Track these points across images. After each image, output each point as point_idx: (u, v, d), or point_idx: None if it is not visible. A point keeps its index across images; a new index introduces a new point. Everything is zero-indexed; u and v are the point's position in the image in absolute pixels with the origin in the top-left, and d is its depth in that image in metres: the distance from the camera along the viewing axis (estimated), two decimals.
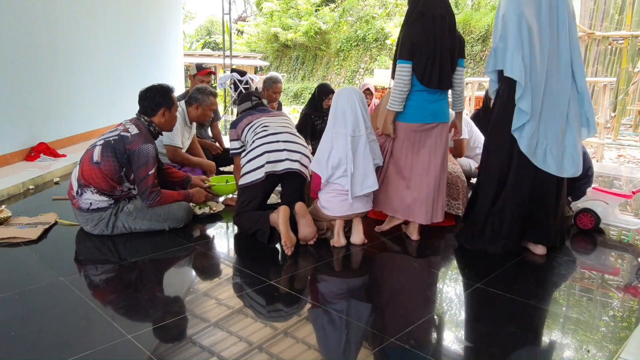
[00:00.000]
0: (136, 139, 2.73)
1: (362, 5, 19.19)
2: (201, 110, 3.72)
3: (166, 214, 2.86)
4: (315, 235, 2.71)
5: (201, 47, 23.22)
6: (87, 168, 2.73)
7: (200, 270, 2.50)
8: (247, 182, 2.83)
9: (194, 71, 4.56)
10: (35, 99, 5.08)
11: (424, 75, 2.61)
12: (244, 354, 1.67)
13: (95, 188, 2.71)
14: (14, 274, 2.34)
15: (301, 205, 2.72)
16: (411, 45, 2.59)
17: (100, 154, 2.71)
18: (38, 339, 1.74)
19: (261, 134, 2.91)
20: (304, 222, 2.68)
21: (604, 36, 8.48)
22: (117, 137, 2.74)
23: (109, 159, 2.71)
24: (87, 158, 2.75)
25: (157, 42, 9.22)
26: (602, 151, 6.85)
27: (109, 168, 2.71)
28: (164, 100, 2.88)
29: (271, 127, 2.95)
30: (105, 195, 2.74)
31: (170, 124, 2.98)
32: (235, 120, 3.15)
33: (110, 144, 2.73)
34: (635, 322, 2.02)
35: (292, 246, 2.59)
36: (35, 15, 5.04)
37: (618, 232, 3.17)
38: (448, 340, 1.86)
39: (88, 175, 2.72)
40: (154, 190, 2.80)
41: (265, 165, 2.78)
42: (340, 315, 1.99)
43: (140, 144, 2.73)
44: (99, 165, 2.70)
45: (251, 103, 3.26)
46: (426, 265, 2.60)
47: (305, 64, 20.47)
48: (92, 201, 2.73)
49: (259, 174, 2.79)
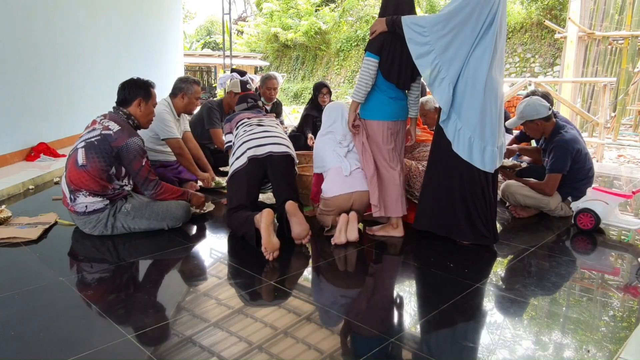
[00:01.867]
0: (120, 135, 2.71)
1: (362, 5, 19.20)
2: (187, 99, 3.70)
3: (165, 212, 2.86)
4: (309, 233, 2.69)
5: (201, 47, 23.23)
6: (74, 172, 2.71)
7: (200, 270, 2.50)
8: (231, 172, 2.90)
9: (237, 89, 4.48)
10: (35, 99, 5.08)
11: (390, 72, 2.75)
12: (244, 354, 1.67)
13: (87, 190, 2.70)
14: (14, 274, 2.34)
15: (291, 203, 2.71)
16: (380, 43, 2.71)
17: (84, 157, 2.69)
18: (38, 339, 1.74)
19: (245, 137, 2.98)
20: (295, 220, 2.67)
21: (604, 36, 8.48)
22: (100, 137, 2.70)
23: (95, 160, 2.68)
24: (72, 163, 2.73)
25: (157, 42, 9.22)
26: (602, 151, 6.84)
27: (96, 169, 2.68)
28: (140, 91, 2.88)
29: (258, 127, 3.06)
30: (99, 196, 2.73)
31: (146, 118, 2.93)
32: (231, 115, 3.28)
33: (94, 145, 2.69)
34: (635, 322, 2.02)
35: (273, 251, 2.49)
36: (35, 15, 5.04)
37: (618, 232, 3.17)
38: (448, 340, 1.86)
39: (76, 179, 2.70)
40: (152, 178, 2.81)
41: (247, 151, 2.86)
42: (340, 315, 1.99)
43: (125, 138, 2.71)
44: (85, 168, 2.68)
45: (247, 105, 3.38)
46: (426, 265, 2.60)
47: (305, 64, 20.47)
48: (86, 204, 2.71)
49: (241, 161, 2.85)
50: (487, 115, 2.61)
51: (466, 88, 2.59)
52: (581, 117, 7.89)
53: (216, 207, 3.39)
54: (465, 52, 2.54)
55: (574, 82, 8.30)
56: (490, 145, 2.64)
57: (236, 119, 3.20)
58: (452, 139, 2.67)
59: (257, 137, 2.95)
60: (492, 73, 2.57)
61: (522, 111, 3.32)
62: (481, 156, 2.64)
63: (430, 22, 2.55)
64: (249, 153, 2.85)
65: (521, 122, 3.37)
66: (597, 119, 7.06)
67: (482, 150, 2.63)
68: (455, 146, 2.66)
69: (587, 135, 7.90)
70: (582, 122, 8.36)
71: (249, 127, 3.07)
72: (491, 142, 2.64)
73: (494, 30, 2.52)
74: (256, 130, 3.03)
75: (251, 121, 3.13)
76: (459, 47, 2.54)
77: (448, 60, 2.56)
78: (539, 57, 13.58)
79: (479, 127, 2.61)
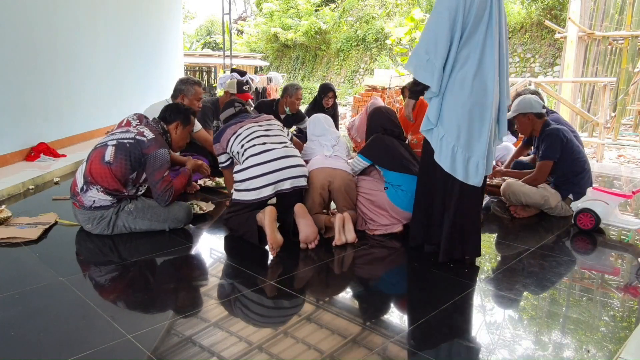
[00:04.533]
0: (152, 143, 2.78)
1: (362, 5, 19.20)
2: (187, 100, 3.66)
3: (166, 214, 2.86)
4: (317, 236, 2.69)
5: (201, 47, 23.22)
6: (97, 166, 2.73)
7: (200, 270, 2.50)
8: (244, 200, 2.73)
9: (233, 90, 4.43)
10: (35, 99, 5.08)
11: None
12: (244, 354, 1.67)
13: (102, 187, 2.72)
14: (14, 274, 2.34)
15: (300, 206, 2.70)
16: (377, 152, 2.97)
17: (113, 155, 2.73)
18: (38, 339, 1.74)
19: (252, 151, 2.77)
20: (304, 222, 2.64)
21: (604, 36, 8.48)
22: (134, 141, 2.76)
23: (122, 161, 2.72)
24: (98, 157, 2.75)
25: (157, 42, 9.22)
26: (602, 151, 6.84)
27: (120, 169, 2.72)
28: (182, 116, 3.02)
29: (264, 143, 2.82)
30: (110, 195, 2.75)
31: (178, 142, 3.06)
32: (218, 133, 3.02)
33: (125, 147, 2.74)
34: (635, 322, 2.02)
35: (278, 247, 2.54)
36: (35, 15, 5.04)
37: (618, 232, 3.17)
38: (448, 340, 1.86)
39: (97, 173, 2.72)
40: (167, 192, 2.82)
41: (269, 187, 2.68)
42: (340, 315, 1.99)
43: (156, 148, 2.77)
44: (110, 165, 2.71)
45: (234, 109, 3.15)
46: (426, 265, 2.60)
47: (305, 64, 20.47)
48: (95, 199, 2.73)
49: (259, 194, 2.68)
50: (475, 123, 2.36)
51: (451, 90, 2.37)
52: (581, 117, 7.90)
53: (216, 207, 3.38)
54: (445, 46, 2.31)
55: (574, 82, 8.30)
56: (476, 156, 2.39)
57: (224, 137, 2.95)
58: (435, 148, 2.44)
59: (277, 169, 2.72)
60: (483, 77, 2.34)
61: (517, 104, 3.44)
62: (464, 168, 2.40)
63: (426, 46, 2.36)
64: (273, 189, 2.69)
65: (514, 115, 3.44)
66: (597, 119, 7.06)
67: (465, 160, 2.39)
68: (437, 156, 2.43)
69: (587, 135, 7.90)
70: (582, 122, 8.36)
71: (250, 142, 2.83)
72: (478, 154, 2.39)
73: (483, 32, 2.31)
74: (264, 149, 2.78)
75: (248, 130, 2.90)
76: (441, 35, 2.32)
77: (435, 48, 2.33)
78: (539, 57, 13.58)
79: (464, 136, 2.37)
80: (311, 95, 16.63)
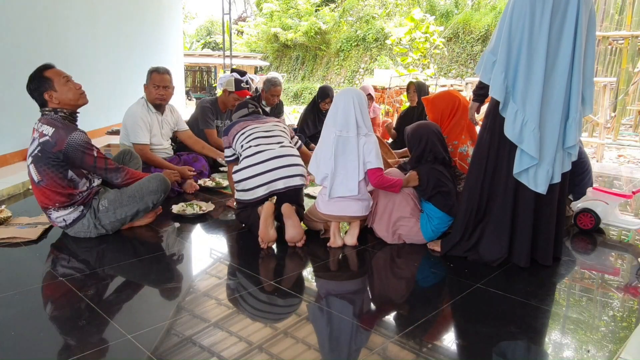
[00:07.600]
0: (58, 136, 2.50)
1: (362, 5, 19.21)
2: (147, 91, 3.65)
3: (140, 191, 2.75)
4: (302, 237, 2.68)
5: (201, 47, 23.24)
6: (36, 191, 2.62)
7: (200, 270, 2.49)
8: (243, 199, 2.81)
9: (231, 87, 4.45)
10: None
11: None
12: (244, 354, 1.67)
13: (56, 206, 2.61)
14: (14, 274, 2.34)
15: (287, 206, 2.70)
16: (429, 191, 2.72)
17: (37, 172, 2.55)
18: (38, 339, 1.74)
19: (247, 152, 2.82)
20: (289, 223, 2.65)
21: (604, 36, 8.47)
22: (41, 147, 2.51)
23: (48, 172, 2.54)
24: (32, 183, 2.63)
25: (157, 42, 9.22)
26: (602, 151, 6.85)
27: (53, 181, 2.55)
28: (38, 85, 2.56)
29: (261, 144, 2.84)
30: (69, 207, 2.63)
31: (67, 96, 2.61)
32: (228, 127, 3.06)
33: (39, 158, 2.53)
34: (635, 322, 2.02)
35: (268, 242, 2.62)
36: (35, 15, 5.05)
37: (618, 232, 3.17)
38: (448, 340, 1.86)
39: (40, 197, 2.62)
40: (111, 167, 2.66)
41: (262, 187, 2.72)
42: (340, 315, 1.99)
43: (65, 138, 2.50)
44: (42, 184, 2.56)
45: (247, 110, 3.19)
46: (426, 265, 2.60)
47: (305, 64, 20.48)
48: (63, 217, 2.64)
49: (253, 194, 2.74)
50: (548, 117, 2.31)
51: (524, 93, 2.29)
52: None
53: (216, 207, 3.38)
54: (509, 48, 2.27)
55: None
56: (546, 164, 2.35)
57: (232, 131, 2.98)
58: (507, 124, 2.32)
59: (270, 169, 2.74)
60: (558, 77, 2.29)
61: None
62: (534, 176, 2.36)
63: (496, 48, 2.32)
64: (266, 189, 2.72)
65: None
66: (597, 119, 7.05)
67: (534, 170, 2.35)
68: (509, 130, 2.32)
69: (587, 135, 7.90)
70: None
71: (248, 142, 2.87)
72: (547, 160, 2.34)
73: (568, 28, 2.23)
74: (259, 149, 2.81)
75: (252, 130, 2.94)
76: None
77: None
78: None
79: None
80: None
